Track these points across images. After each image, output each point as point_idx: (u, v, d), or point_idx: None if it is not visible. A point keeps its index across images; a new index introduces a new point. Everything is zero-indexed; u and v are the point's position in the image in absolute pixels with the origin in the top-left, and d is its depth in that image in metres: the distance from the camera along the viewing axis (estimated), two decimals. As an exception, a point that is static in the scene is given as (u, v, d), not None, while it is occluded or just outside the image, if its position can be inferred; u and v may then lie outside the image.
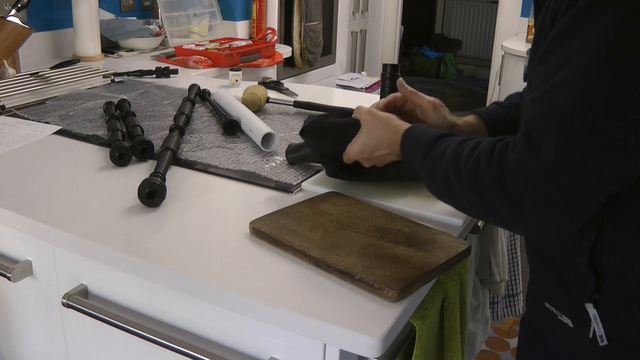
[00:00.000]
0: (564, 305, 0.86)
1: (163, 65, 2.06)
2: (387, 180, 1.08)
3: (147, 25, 2.58)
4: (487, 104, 2.63)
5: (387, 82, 1.37)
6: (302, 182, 1.11)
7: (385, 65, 1.31)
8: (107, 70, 1.93)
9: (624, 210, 0.76)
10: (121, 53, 2.36)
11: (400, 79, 1.07)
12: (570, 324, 0.85)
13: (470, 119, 1.06)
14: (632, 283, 0.78)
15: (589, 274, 0.80)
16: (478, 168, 0.74)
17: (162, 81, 1.90)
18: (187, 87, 1.67)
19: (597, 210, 0.71)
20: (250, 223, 0.92)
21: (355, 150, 0.99)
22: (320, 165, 1.15)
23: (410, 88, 1.05)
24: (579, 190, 0.68)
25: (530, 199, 0.70)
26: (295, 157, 1.16)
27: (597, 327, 0.81)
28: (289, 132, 1.41)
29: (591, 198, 0.70)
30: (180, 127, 1.31)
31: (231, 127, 1.37)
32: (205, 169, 1.18)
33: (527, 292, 0.98)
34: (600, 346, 0.81)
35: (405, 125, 0.93)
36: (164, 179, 1.04)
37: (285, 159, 1.20)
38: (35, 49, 2.16)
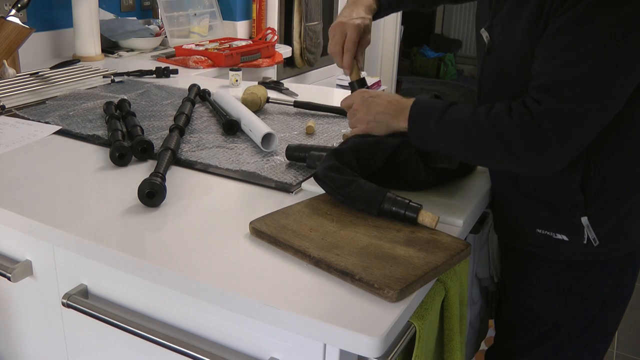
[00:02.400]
0: (558, 226, 1.05)
1: (163, 65, 2.06)
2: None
3: (147, 25, 2.57)
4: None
5: None
6: (302, 182, 1.11)
7: (352, 84, 1.25)
8: (107, 70, 1.93)
9: (602, 145, 0.98)
10: (121, 53, 2.36)
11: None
12: (566, 239, 1.05)
13: None
14: (609, 193, 1.01)
15: (579, 196, 1.01)
16: (500, 121, 0.92)
17: (162, 81, 1.90)
18: (187, 87, 1.67)
19: (586, 146, 0.93)
20: (250, 223, 0.92)
21: (361, 114, 1.09)
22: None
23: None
24: (589, 131, 0.90)
25: (556, 139, 0.88)
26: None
27: (590, 233, 1.03)
28: (289, 132, 1.41)
29: (592, 136, 0.91)
30: (180, 127, 1.31)
31: (231, 127, 1.37)
32: (205, 169, 1.18)
33: (506, 233, 1.16)
34: (594, 247, 1.03)
35: (405, 98, 1.07)
36: (164, 179, 1.04)
37: (285, 159, 1.20)
38: (35, 49, 2.16)
